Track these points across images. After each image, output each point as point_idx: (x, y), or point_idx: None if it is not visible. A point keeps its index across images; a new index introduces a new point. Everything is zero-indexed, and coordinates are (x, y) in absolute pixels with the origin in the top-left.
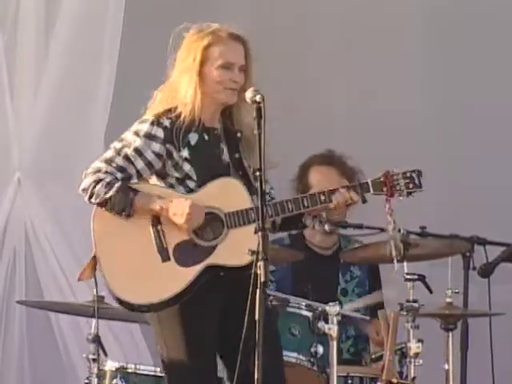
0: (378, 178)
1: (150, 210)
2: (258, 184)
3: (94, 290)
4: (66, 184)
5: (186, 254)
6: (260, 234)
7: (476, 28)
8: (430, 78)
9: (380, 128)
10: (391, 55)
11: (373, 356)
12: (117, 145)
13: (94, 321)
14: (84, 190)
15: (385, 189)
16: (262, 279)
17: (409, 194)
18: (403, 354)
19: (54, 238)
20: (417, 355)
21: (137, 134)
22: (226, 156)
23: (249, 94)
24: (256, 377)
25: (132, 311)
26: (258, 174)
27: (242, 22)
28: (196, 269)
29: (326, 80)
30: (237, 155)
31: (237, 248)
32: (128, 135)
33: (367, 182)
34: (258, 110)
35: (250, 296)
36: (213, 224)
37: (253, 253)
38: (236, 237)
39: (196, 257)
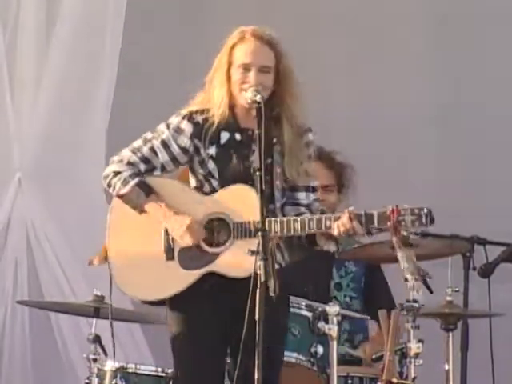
0: (385, 211)
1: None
2: (287, 192)
3: (95, 290)
4: (66, 184)
5: (190, 256)
6: (260, 233)
7: (476, 28)
8: (430, 78)
9: (380, 128)
10: (391, 55)
11: (373, 356)
12: (148, 135)
13: (94, 321)
14: (104, 177)
15: (389, 223)
16: (262, 279)
17: (412, 232)
18: (403, 354)
19: (54, 237)
20: (417, 355)
21: (167, 126)
22: (255, 157)
23: (249, 94)
24: (256, 377)
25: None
26: (258, 174)
27: (241, 21)
28: (196, 273)
29: (325, 80)
30: (269, 160)
31: (239, 259)
32: (160, 126)
33: (372, 214)
34: (258, 110)
35: (250, 296)
36: (221, 231)
37: (253, 253)
38: (240, 248)
39: (199, 261)
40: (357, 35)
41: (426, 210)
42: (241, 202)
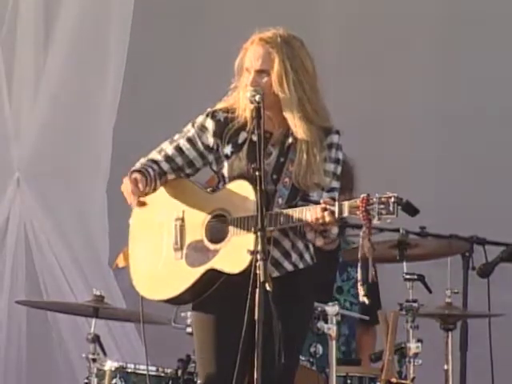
0: (355, 201)
1: None
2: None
3: (94, 290)
4: (65, 184)
5: (195, 254)
6: (259, 234)
7: (478, 28)
8: (430, 78)
9: (380, 128)
10: (393, 54)
11: (372, 356)
12: (175, 136)
13: (93, 320)
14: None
15: (358, 212)
16: (262, 279)
17: (380, 219)
18: (403, 354)
19: (53, 237)
20: (416, 355)
21: (193, 124)
22: (272, 159)
23: (247, 95)
24: (255, 377)
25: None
26: (257, 173)
27: (244, 21)
28: (199, 271)
29: (326, 80)
30: (282, 159)
31: (234, 255)
32: (187, 126)
33: (344, 204)
34: (258, 110)
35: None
36: (224, 227)
37: (251, 253)
38: (236, 243)
39: (202, 258)
40: (358, 35)
41: (393, 199)
42: (241, 197)
